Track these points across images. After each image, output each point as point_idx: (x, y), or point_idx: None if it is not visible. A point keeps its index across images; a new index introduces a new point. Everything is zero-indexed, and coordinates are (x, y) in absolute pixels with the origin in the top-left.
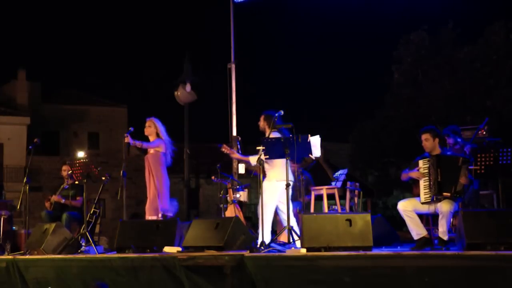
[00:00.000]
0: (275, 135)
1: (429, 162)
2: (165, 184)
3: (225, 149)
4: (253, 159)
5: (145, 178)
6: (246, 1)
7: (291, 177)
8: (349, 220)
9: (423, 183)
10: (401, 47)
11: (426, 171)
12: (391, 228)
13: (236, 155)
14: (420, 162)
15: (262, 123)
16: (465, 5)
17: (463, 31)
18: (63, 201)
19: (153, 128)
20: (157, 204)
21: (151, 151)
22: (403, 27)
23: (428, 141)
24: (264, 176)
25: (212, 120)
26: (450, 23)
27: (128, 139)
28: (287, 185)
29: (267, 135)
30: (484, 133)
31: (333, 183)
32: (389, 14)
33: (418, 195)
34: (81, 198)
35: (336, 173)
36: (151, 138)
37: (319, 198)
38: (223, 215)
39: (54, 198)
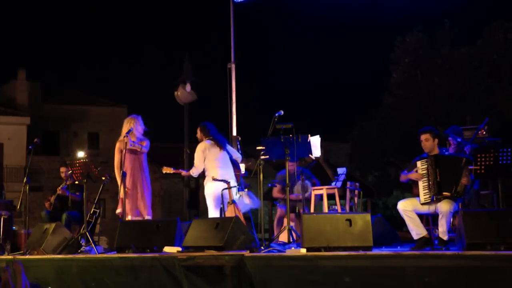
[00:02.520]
0: (208, 143)
1: (427, 163)
2: (150, 183)
3: (166, 170)
4: (192, 171)
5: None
6: (246, 1)
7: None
8: (349, 220)
9: (422, 184)
10: (397, 48)
11: (425, 171)
12: (391, 228)
13: (182, 172)
14: (418, 163)
15: (199, 134)
16: (463, 4)
17: (461, 30)
18: (67, 193)
19: (134, 125)
20: (146, 201)
21: (143, 150)
22: (402, 27)
23: (428, 141)
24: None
25: (212, 120)
26: (446, 22)
27: (127, 139)
28: (287, 186)
29: None
30: (484, 133)
31: (333, 183)
32: (389, 15)
33: (418, 195)
34: (80, 193)
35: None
36: (138, 136)
37: (319, 198)
38: (223, 215)
39: (59, 191)
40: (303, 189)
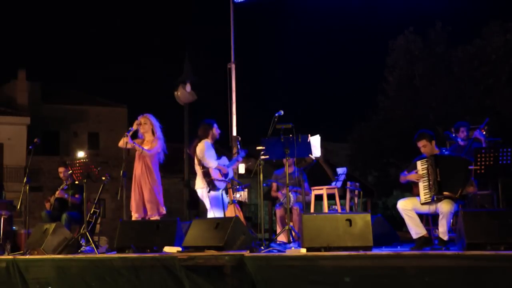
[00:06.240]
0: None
1: (428, 163)
2: (160, 182)
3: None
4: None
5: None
6: (246, 1)
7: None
8: (349, 220)
9: (422, 184)
10: (392, 52)
11: (425, 171)
12: (391, 228)
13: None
14: (418, 163)
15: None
16: (455, 4)
17: (454, 30)
18: (65, 196)
19: (149, 125)
20: (156, 202)
21: (144, 153)
22: (398, 29)
23: (426, 147)
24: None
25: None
26: (438, 23)
27: (128, 138)
28: (287, 185)
29: None
30: (484, 133)
31: (333, 183)
32: (388, 15)
33: (418, 195)
34: (79, 195)
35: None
36: (147, 136)
37: (319, 198)
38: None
39: (58, 194)
40: (303, 190)
